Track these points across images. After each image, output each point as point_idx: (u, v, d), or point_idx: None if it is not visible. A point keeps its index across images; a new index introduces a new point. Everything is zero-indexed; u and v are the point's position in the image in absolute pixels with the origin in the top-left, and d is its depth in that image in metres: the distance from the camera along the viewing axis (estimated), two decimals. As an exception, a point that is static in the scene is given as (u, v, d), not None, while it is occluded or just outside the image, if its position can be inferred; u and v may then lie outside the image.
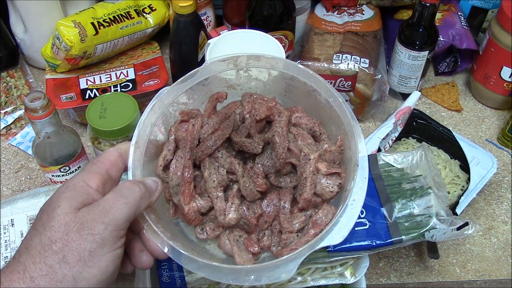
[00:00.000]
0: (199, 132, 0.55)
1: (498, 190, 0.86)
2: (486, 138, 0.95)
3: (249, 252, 0.53)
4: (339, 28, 0.96)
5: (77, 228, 0.42)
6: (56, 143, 0.71)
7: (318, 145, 0.56)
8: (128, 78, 0.92)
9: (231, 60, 0.58)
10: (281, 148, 0.54)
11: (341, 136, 0.55)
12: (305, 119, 0.57)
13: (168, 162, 0.54)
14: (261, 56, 0.58)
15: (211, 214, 0.55)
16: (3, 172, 0.87)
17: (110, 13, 0.92)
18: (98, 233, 0.42)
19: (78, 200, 0.43)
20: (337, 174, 0.54)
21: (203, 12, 0.98)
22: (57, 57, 0.90)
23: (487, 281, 0.76)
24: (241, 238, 0.55)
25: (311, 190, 0.53)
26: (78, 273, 0.41)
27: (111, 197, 0.44)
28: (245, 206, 0.54)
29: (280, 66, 0.58)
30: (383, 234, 0.62)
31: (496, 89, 0.97)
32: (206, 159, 0.55)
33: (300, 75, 0.57)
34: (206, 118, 0.56)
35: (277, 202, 0.55)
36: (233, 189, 0.55)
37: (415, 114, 0.88)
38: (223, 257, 0.56)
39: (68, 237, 0.41)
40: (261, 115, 0.55)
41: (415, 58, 0.92)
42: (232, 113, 0.57)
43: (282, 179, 0.57)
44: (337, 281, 0.63)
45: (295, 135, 0.56)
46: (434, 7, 0.87)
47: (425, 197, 0.64)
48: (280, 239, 0.54)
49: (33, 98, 0.65)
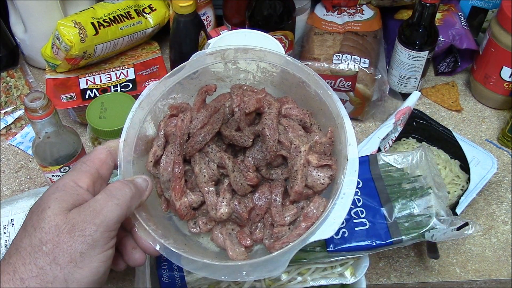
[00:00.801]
0: (189, 126, 0.54)
1: (498, 190, 0.86)
2: (486, 138, 0.95)
3: (242, 245, 0.53)
4: (339, 28, 0.96)
5: (68, 230, 0.41)
6: (56, 143, 0.71)
7: (309, 136, 0.56)
8: (128, 78, 0.92)
9: (218, 53, 0.57)
10: (271, 141, 0.53)
11: (332, 128, 0.55)
12: (295, 110, 0.56)
13: (158, 157, 0.54)
14: (248, 49, 0.57)
15: (203, 208, 0.55)
16: (3, 172, 0.87)
17: (110, 13, 0.92)
18: (89, 234, 0.42)
19: (68, 201, 0.43)
20: (328, 166, 0.53)
21: (203, 12, 0.98)
22: (57, 57, 0.90)
23: (487, 281, 0.76)
24: (234, 231, 0.54)
25: (302, 183, 0.53)
26: (69, 274, 0.41)
27: (101, 198, 0.44)
28: (236, 200, 0.54)
29: (269, 58, 0.57)
30: (383, 234, 0.62)
31: (496, 89, 0.97)
32: (196, 154, 0.54)
33: (289, 67, 0.57)
34: (195, 112, 0.56)
35: (268, 195, 0.54)
36: (224, 184, 0.54)
37: (415, 114, 0.88)
38: (217, 250, 0.55)
39: (58, 239, 0.41)
40: (250, 108, 0.54)
41: (415, 58, 0.92)
42: (222, 106, 0.56)
43: (273, 172, 0.56)
44: (337, 281, 0.63)
45: (286, 126, 0.55)
46: (434, 7, 0.87)
47: (425, 197, 0.64)
48: (272, 232, 0.53)
49: (33, 98, 0.65)
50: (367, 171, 0.67)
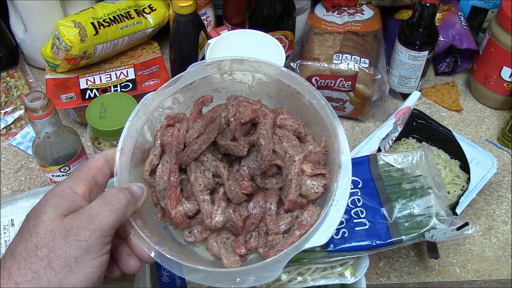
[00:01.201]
0: (185, 136, 0.55)
1: (498, 190, 0.86)
2: (486, 138, 0.95)
3: (237, 254, 0.54)
4: (339, 28, 0.96)
5: (63, 235, 0.42)
6: (56, 143, 0.71)
7: (304, 146, 0.57)
8: (128, 78, 0.92)
9: (214, 64, 0.59)
10: (266, 150, 0.54)
11: (325, 137, 0.56)
12: (290, 121, 0.58)
13: (154, 166, 0.55)
14: (244, 60, 0.58)
15: (199, 217, 0.55)
16: (3, 172, 0.87)
17: (110, 13, 0.92)
18: (84, 240, 0.42)
19: (64, 207, 0.44)
20: (322, 175, 0.54)
21: (203, 12, 0.98)
22: (57, 57, 0.90)
23: (487, 281, 0.76)
24: (229, 240, 0.55)
25: (296, 192, 0.53)
26: (63, 279, 0.41)
27: (97, 204, 0.44)
28: (231, 208, 0.54)
29: (264, 69, 0.59)
30: (383, 234, 0.62)
31: (496, 89, 0.97)
32: (192, 163, 0.55)
33: (283, 77, 0.58)
34: (191, 122, 0.56)
35: (263, 204, 0.55)
36: (219, 192, 0.55)
37: (415, 114, 0.88)
38: (211, 259, 0.56)
39: (54, 243, 0.41)
40: (246, 118, 0.55)
41: (415, 58, 0.92)
42: (218, 117, 0.57)
43: (268, 181, 0.57)
44: (337, 281, 0.63)
45: (280, 136, 0.56)
46: (434, 7, 0.87)
47: (425, 197, 0.64)
48: (267, 241, 0.54)
49: (33, 98, 0.65)
50: (367, 171, 0.67)
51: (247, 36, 0.84)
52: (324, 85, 0.90)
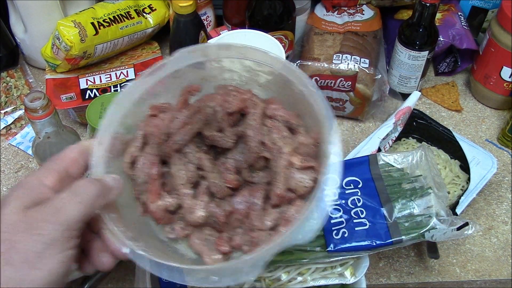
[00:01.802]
0: (169, 126, 0.51)
1: (498, 190, 0.86)
2: (486, 138, 0.95)
3: (219, 251, 0.50)
4: (339, 28, 0.96)
5: (25, 228, 0.39)
6: (56, 143, 0.71)
7: (294, 138, 0.53)
8: (128, 78, 0.93)
9: (199, 51, 0.54)
10: (254, 142, 0.51)
11: (317, 129, 0.51)
12: (281, 111, 0.54)
13: (135, 158, 0.52)
14: (231, 45, 0.54)
15: (181, 213, 0.52)
16: (3, 172, 0.87)
17: (110, 13, 0.92)
18: (47, 233, 0.39)
19: (29, 198, 0.41)
20: (312, 168, 0.50)
21: (203, 12, 0.99)
22: (57, 57, 0.90)
23: (487, 281, 0.76)
24: (211, 237, 0.52)
25: (284, 185, 0.50)
26: (25, 276, 0.38)
27: (64, 195, 0.41)
28: (214, 203, 0.51)
29: (251, 55, 0.54)
30: (383, 234, 0.62)
31: (496, 89, 0.97)
32: (174, 155, 0.52)
33: (273, 64, 0.54)
34: (176, 112, 0.53)
35: (249, 199, 0.52)
36: (202, 186, 0.52)
37: (415, 114, 0.88)
38: (194, 257, 0.52)
39: (15, 238, 0.39)
40: (233, 108, 0.52)
41: (415, 58, 0.92)
42: (205, 106, 0.53)
43: (255, 175, 0.53)
44: (337, 281, 0.63)
45: (270, 127, 0.53)
46: (434, 7, 0.87)
47: (425, 197, 0.64)
48: (251, 238, 0.51)
49: (33, 98, 0.65)
50: (367, 171, 0.67)
51: (247, 36, 0.84)
52: (324, 85, 0.90)
